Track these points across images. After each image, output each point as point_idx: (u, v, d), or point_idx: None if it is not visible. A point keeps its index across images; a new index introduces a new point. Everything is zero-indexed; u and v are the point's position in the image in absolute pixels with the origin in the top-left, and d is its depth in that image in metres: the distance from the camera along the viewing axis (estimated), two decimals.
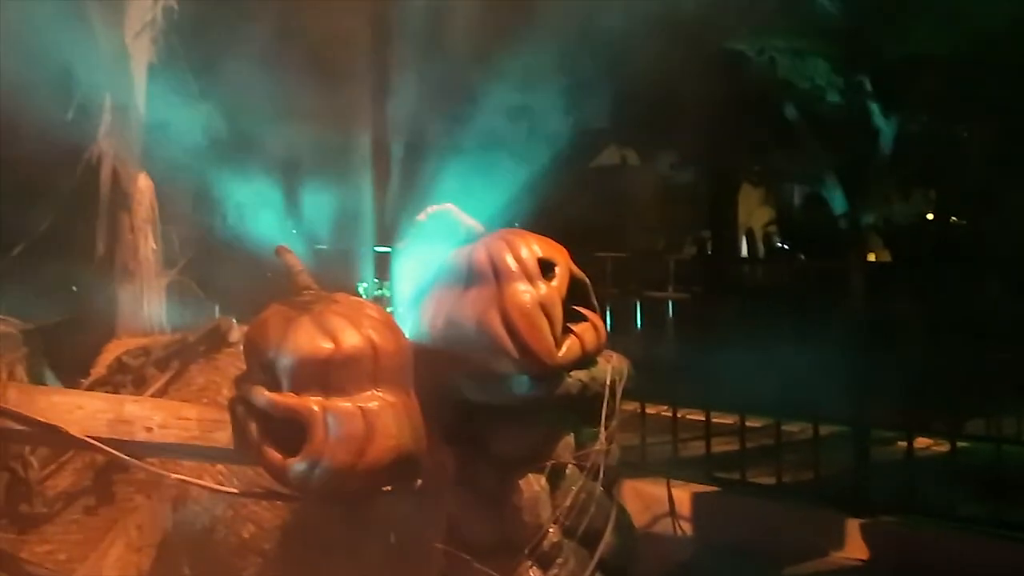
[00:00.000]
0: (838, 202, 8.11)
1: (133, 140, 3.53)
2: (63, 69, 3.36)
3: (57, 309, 3.63)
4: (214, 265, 3.83)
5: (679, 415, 5.01)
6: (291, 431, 2.28)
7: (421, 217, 2.84)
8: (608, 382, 2.68)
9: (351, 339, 2.35)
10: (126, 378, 3.01)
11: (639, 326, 5.60)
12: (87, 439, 2.21)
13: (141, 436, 2.31)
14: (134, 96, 3.53)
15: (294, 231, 4.83)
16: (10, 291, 3.42)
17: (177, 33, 3.65)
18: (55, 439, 2.26)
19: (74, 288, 3.56)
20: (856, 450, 4.72)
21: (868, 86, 7.87)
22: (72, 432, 2.21)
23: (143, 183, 3.54)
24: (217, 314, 4.53)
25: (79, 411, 2.28)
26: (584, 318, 2.70)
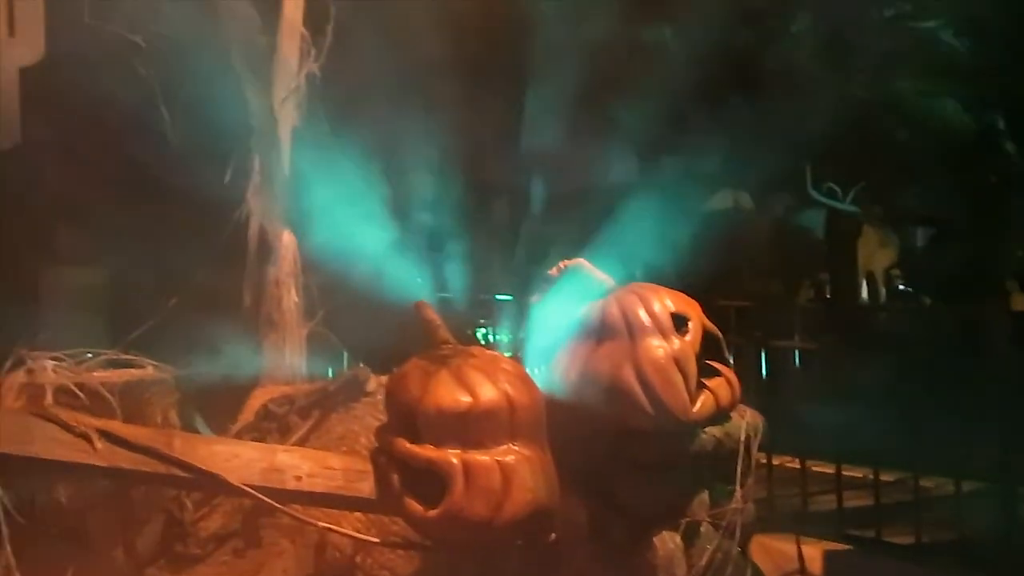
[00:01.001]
0: (969, 244, 7.76)
1: (278, 199, 3.76)
2: (221, 135, 3.62)
3: (206, 357, 3.85)
4: (350, 316, 4.00)
5: (808, 467, 4.84)
6: (431, 483, 2.35)
7: (553, 272, 2.89)
8: (743, 439, 2.64)
9: (488, 393, 2.41)
10: (271, 425, 3.16)
11: (765, 375, 5.48)
12: (244, 487, 2.34)
13: (291, 485, 2.43)
14: (279, 158, 3.76)
15: (419, 279, 4.99)
16: (165, 339, 3.67)
17: (319, 97, 3.89)
18: (214, 486, 2.40)
19: (221, 337, 3.78)
20: (1003, 509, 4.45)
21: (1000, 124, 7.55)
22: (230, 480, 2.34)
23: (287, 239, 3.76)
24: (346, 364, 4.74)
25: (236, 460, 2.42)
26: (718, 373, 2.68)
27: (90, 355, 3.48)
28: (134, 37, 3.37)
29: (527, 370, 2.67)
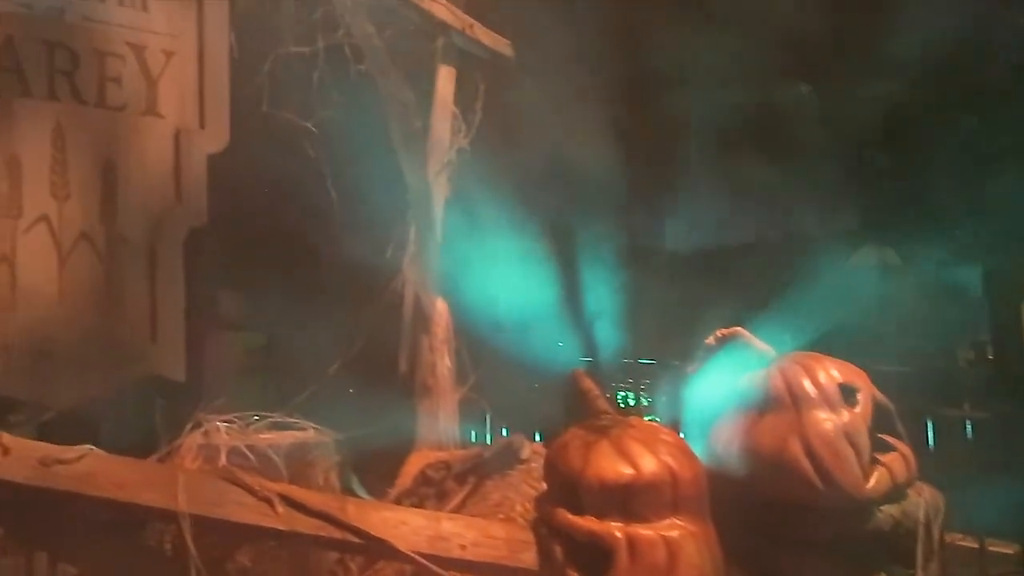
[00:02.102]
0: None
1: (432, 268, 3.91)
2: (380, 210, 3.83)
3: (363, 421, 4.00)
4: (500, 382, 4.07)
5: (987, 547, 4.50)
6: (594, 556, 2.34)
7: (710, 341, 2.86)
8: (923, 518, 2.50)
9: (650, 465, 2.39)
10: (429, 490, 3.23)
11: (932, 447, 5.17)
12: (413, 555, 2.41)
13: (456, 553, 2.47)
14: (433, 229, 3.93)
15: (560, 344, 5.03)
16: (325, 403, 3.85)
17: (469, 171, 4.06)
18: (384, 552, 2.47)
19: (378, 402, 3.92)
20: None
21: None
22: (400, 547, 2.41)
23: (440, 306, 3.89)
24: (490, 427, 4.80)
25: (404, 527, 2.49)
26: (891, 447, 2.56)
27: (257, 417, 3.70)
28: (305, 123, 3.64)
29: (686, 442, 2.63)
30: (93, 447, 2.44)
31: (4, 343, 3.15)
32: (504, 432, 4.78)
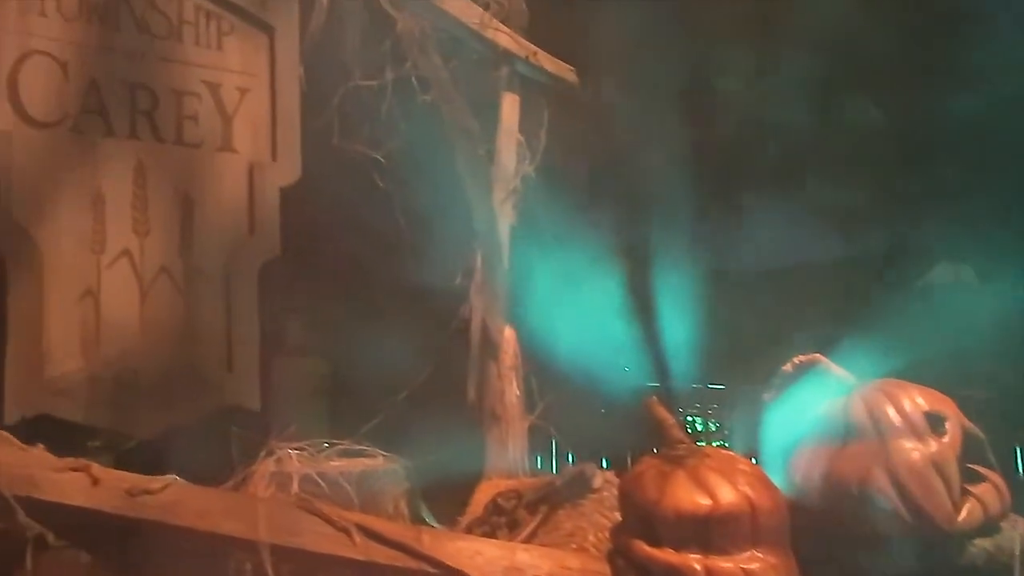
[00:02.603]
0: None
1: (499, 294, 3.92)
2: (448, 238, 3.87)
3: (432, 448, 4.01)
4: (568, 409, 4.05)
5: None
6: None
7: (788, 368, 2.80)
8: (1018, 552, 2.39)
9: (729, 496, 2.34)
10: (500, 520, 3.22)
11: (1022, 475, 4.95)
12: None
13: None
14: (500, 256, 3.94)
15: (627, 368, 4.98)
16: (394, 430, 3.87)
17: (534, 197, 4.07)
18: None
19: (446, 430, 3.93)
20: None
21: None
22: None
23: (508, 334, 3.90)
24: (556, 454, 4.75)
25: (479, 557, 2.48)
26: (982, 478, 2.46)
27: (327, 445, 3.74)
28: (375, 154, 3.70)
29: (765, 472, 2.57)
30: (176, 477, 2.49)
31: (90, 374, 3.25)
32: (570, 459, 4.74)
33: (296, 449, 3.25)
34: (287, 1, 3.74)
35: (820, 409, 2.64)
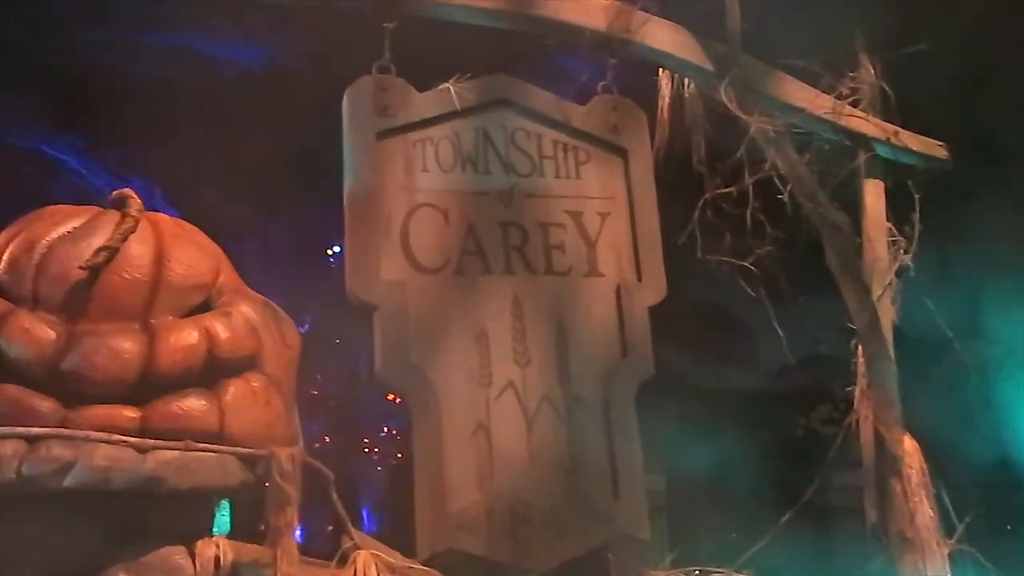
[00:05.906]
0: None
1: (892, 400, 3.53)
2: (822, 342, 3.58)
3: None
4: (994, 531, 3.50)
5: None
6: None
7: None
8: None
9: None
10: None
11: None
12: None
13: None
14: (888, 356, 3.57)
15: None
16: (778, 554, 3.55)
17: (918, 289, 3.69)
18: None
19: (845, 555, 3.55)
20: None
21: None
22: None
23: (909, 445, 3.48)
24: None
25: None
26: None
27: (697, 572, 3.50)
28: (741, 261, 3.56)
29: None
30: None
31: (487, 508, 3.30)
32: None
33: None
34: (637, 122, 3.77)
35: None
